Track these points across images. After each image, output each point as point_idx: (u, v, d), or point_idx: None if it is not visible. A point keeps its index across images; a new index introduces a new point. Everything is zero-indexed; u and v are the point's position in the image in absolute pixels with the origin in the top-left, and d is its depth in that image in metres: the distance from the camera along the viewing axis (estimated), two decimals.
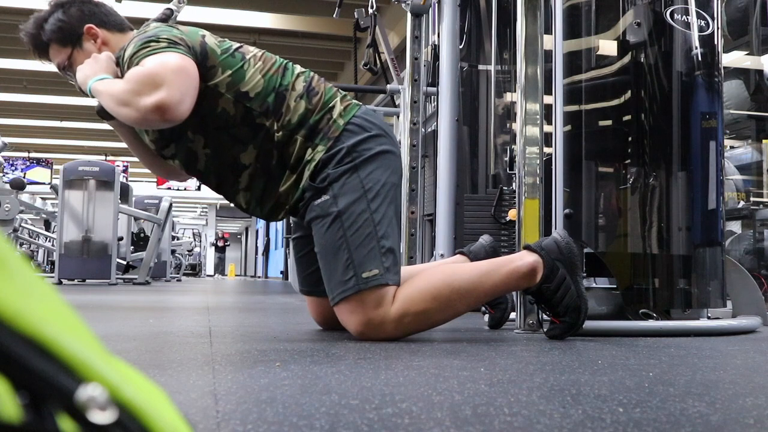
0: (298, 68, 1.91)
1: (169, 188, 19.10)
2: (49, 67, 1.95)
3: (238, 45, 1.88)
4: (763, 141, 5.10)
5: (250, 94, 1.80)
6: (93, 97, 1.77)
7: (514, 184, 2.59)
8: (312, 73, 1.91)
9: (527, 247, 1.87)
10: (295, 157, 1.82)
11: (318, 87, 1.86)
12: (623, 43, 2.34)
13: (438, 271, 1.81)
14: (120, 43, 1.89)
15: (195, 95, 1.69)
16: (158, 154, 1.95)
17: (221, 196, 1.97)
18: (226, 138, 1.82)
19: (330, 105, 1.84)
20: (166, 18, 2.10)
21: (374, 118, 1.90)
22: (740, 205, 4.70)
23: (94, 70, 1.78)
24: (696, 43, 2.36)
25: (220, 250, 27.74)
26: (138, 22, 2.03)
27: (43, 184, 9.05)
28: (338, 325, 1.96)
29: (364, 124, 1.84)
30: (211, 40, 1.83)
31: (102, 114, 1.87)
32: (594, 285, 2.30)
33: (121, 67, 1.80)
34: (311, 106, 1.83)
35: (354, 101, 1.91)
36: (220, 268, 27.42)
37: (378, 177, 1.79)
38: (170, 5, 2.25)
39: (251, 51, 1.88)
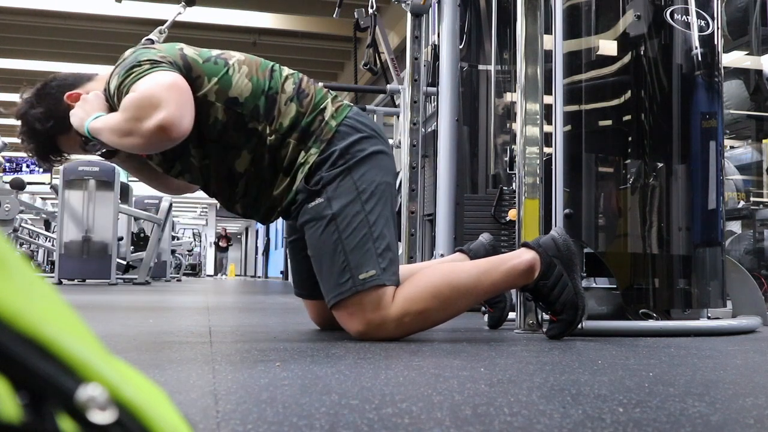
0: (286, 70, 1.88)
1: None
2: (50, 67, 1.94)
3: (219, 51, 1.85)
4: (763, 141, 5.10)
5: (239, 99, 1.77)
6: (93, 138, 1.72)
7: (514, 184, 2.59)
8: (301, 75, 1.89)
9: (525, 245, 1.87)
10: (288, 160, 1.80)
11: (308, 89, 1.84)
12: (623, 41, 2.34)
13: (438, 270, 1.81)
14: (99, 87, 1.84)
15: (193, 108, 1.66)
16: (167, 175, 1.94)
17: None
18: (221, 147, 1.80)
19: (321, 106, 1.83)
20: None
21: (366, 119, 1.89)
22: (740, 205, 4.70)
23: (86, 111, 1.74)
24: (696, 43, 2.36)
25: (223, 251, 26.01)
26: (138, 23, 2.03)
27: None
28: (338, 325, 1.96)
29: (356, 125, 1.83)
30: (189, 51, 1.80)
31: (106, 154, 1.84)
32: (594, 285, 2.30)
33: (110, 102, 1.77)
34: (302, 108, 1.81)
35: (345, 102, 1.89)
36: (221, 268, 26.45)
37: (372, 177, 1.78)
38: (151, 35, 2.24)
39: (234, 56, 1.85)
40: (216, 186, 1.89)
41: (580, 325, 1.86)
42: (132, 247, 9.47)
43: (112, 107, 1.76)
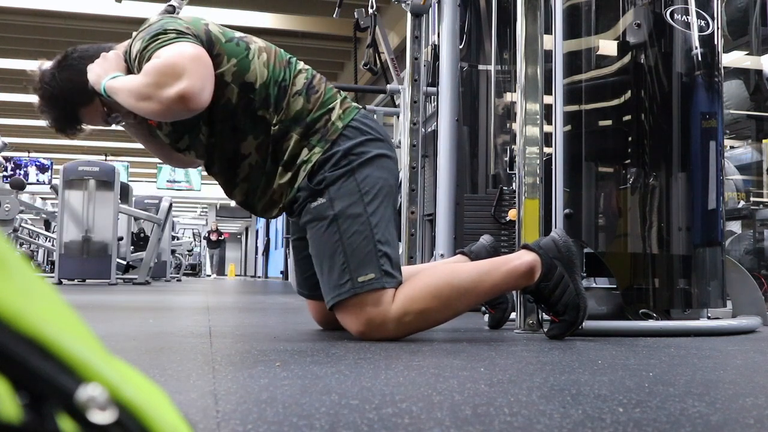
0: (301, 65, 1.91)
1: (170, 188, 19.11)
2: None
3: (241, 34, 1.88)
4: (763, 141, 5.10)
5: (254, 85, 1.79)
6: (108, 96, 1.74)
7: (514, 184, 2.59)
8: (314, 72, 1.91)
9: (525, 246, 1.87)
10: (289, 154, 1.81)
11: (318, 86, 1.86)
12: (623, 43, 2.34)
13: (438, 271, 1.81)
14: (119, 51, 1.86)
15: (213, 82, 1.69)
16: (173, 148, 1.95)
17: (221, 197, 1.98)
18: (229, 128, 1.82)
19: (329, 106, 1.84)
20: (169, 14, 2.09)
21: (373, 123, 1.90)
22: (740, 205, 4.70)
23: (104, 69, 1.76)
24: (696, 43, 2.36)
25: (214, 245, 23.79)
26: (138, 23, 2.03)
27: None
28: (339, 325, 1.96)
29: (362, 127, 1.84)
30: (214, 28, 1.82)
31: (121, 121, 1.87)
32: (594, 285, 2.30)
33: (129, 64, 1.79)
34: (309, 104, 1.82)
35: (354, 104, 1.90)
36: (216, 266, 25.31)
37: (374, 180, 1.79)
38: (172, 2, 2.25)
39: (256, 41, 1.87)
40: (219, 166, 1.90)
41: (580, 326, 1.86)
42: (132, 247, 9.46)
43: (130, 71, 1.77)
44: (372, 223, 1.74)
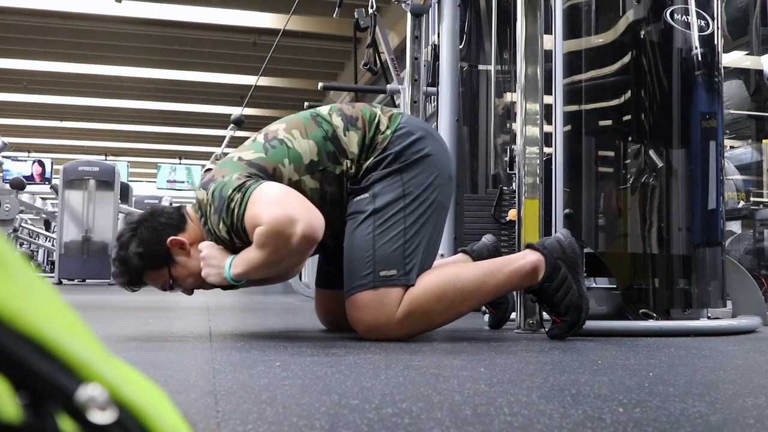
0: (323, 109, 1.92)
1: (170, 188, 19.11)
2: (50, 67, 1.94)
3: (262, 135, 1.87)
4: (763, 141, 5.10)
5: (314, 159, 1.81)
6: (240, 283, 1.73)
7: (514, 184, 2.59)
8: (338, 105, 1.94)
9: (529, 246, 1.87)
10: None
11: (353, 113, 1.89)
12: (623, 41, 2.34)
13: (442, 273, 1.81)
14: (196, 230, 1.84)
15: (305, 198, 1.67)
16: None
17: None
18: (331, 208, 1.81)
19: (376, 121, 1.87)
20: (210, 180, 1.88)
21: (417, 121, 1.95)
22: (740, 205, 4.70)
23: (216, 266, 1.73)
24: (696, 43, 2.36)
25: None
26: (138, 23, 2.03)
27: None
28: (341, 324, 1.96)
29: (409, 128, 1.87)
30: (246, 155, 1.81)
31: (175, 288, 1.86)
32: (594, 285, 2.30)
33: (223, 244, 1.75)
34: (360, 130, 1.85)
35: (395, 110, 1.94)
36: None
37: (421, 181, 1.82)
38: (208, 165, 2.25)
39: (278, 128, 1.86)
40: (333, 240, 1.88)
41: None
42: None
43: (228, 248, 1.74)
44: (407, 222, 1.77)
